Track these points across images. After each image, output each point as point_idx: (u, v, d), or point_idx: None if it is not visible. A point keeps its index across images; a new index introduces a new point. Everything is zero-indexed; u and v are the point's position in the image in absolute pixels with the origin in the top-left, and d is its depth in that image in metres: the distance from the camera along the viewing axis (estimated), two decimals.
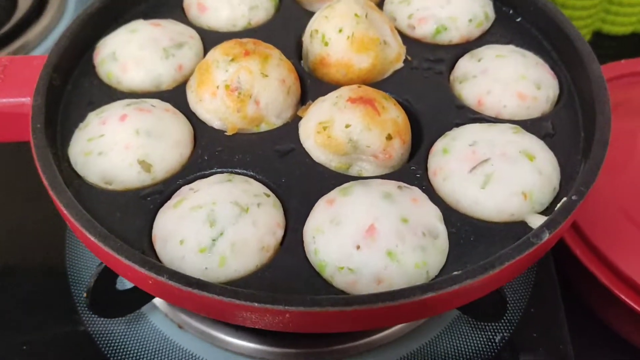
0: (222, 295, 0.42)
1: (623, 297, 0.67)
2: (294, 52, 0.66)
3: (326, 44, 0.61)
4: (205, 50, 0.66)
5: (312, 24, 0.63)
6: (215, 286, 0.43)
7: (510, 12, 0.70)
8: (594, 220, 0.73)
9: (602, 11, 1.08)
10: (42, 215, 0.74)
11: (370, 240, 0.46)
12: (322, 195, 0.52)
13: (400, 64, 0.64)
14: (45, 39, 0.99)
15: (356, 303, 0.42)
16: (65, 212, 0.48)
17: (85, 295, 0.56)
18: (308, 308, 0.41)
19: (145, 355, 0.62)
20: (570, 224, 0.49)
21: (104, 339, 0.63)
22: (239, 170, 0.55)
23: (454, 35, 0.66)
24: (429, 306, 0.43)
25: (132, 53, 0.61)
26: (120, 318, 0.63)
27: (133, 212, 0.51)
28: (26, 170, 0.73)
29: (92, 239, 0.46)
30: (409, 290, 0.42)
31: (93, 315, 0.64)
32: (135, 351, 0.62)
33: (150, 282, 0.44)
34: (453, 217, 0.51)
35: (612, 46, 1.12)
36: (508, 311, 0.64)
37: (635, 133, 0.86)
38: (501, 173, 0.51)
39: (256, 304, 0.42)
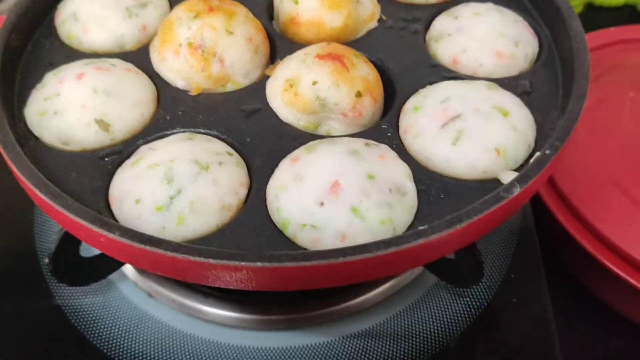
0: (177, 252, 0.40)
1: (607, 262, 0.66)
2: (265, 12, 0.64)
3: (296, 2, 0.59)
4: (172, 9, 0.63)
5: None
6: (170, 243, 0.41)
7: None
8: (578, 185, 0.72)
9: None
10: (10, 184, 0.72)
11: (334, 196, 0.44)
12: (289, 153, 0.50)
13: (374, 23, 0.62)
14: None
15: (316, 258, 0.40)
16: (16, 171, 0.46)
17: (47, 261, 0.54)
18: (266, 264, 0.39)
19: (116, 325, 0.60)
20: (544, 180, 0.47)
21: (72, 309, 0.61)
22: (202, 130, 0.53)
23: None
24: (393, 262, 0.41)
25: (94, 13, 0.59)
26: (88, 287, 0.61)
27: (90, 173, 0.49)
28: None
29: (43, 197, 0.44)
30: (372, 245, 0.40)
31: (61, 286, 0.62)
32: (105, 321, 0.60)
33: (102, 239, 0.42)
34: (423, 175, 0.49)
35: (604, 17, 1.10)
36: (487, 277, 0.62)
37: (622, 99, 0.84)
38: (473, 129, 0.49)
39: (212, 260, 0.40)
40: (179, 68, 0.55)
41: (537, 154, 0.47)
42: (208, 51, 0.54)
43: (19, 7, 0.59)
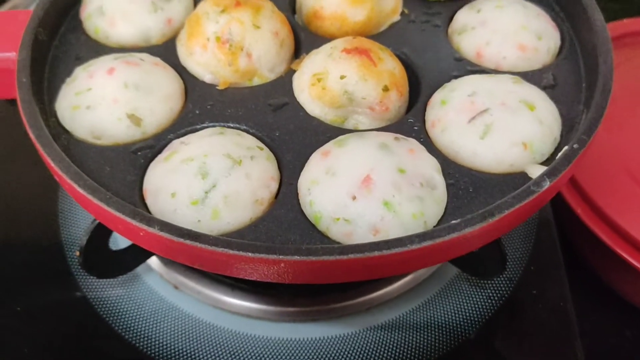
0: (216, 245, 0.41)
1: (624, 254, 0.67)
2: (288, 4, 0.64)
3: None
4: (196, 3, 0.63)
5: None
6: (208, 237, 0.42)
7: None
8: (595, 178, 0.72)
9: None
10: (34, 179, 0.73)
11: (366, 190, 0.45)
12: (317, 148, 0.51)
13: (397, 17, 0.62)
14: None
15: (352, 252, 0.40)
16: (53, 165, 0.47)
17: (77, 253, 0.55)
18: (303, 257, 0.40)
19: (142, 316, 0.61)
20: (572, 174, 0.48)
21: (99, 301, 0.62)
22: (232, 125, 0.53)
23: None
24: (426, 255, 0.42)
25: (120, 7, 0.59)
26: (115, 280, 0.62)
27: (123, 167, 0.50)
28: (15, 134, 0.72)
29: (82, 191, 0.45)
30: (407, 239, 0.41)
31: (88, 278, 0.63)
32: (132, 312, 0.62)
33: (142, 234, 0.43)
34: (451, 169, 0.49)
35: (615, 8, 1.10)
36: (508, 269, 0.63)
37: (636, 91, 0.85)
38: (501, 123, 0.49)
39: (250, 254, 0.41)
40: (206, 62, 0.56)
41: (565, 147, 0.48)
42: (236, 45, 0.55)
43: (45, 1, 0.59)
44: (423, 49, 0.59)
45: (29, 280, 0.65)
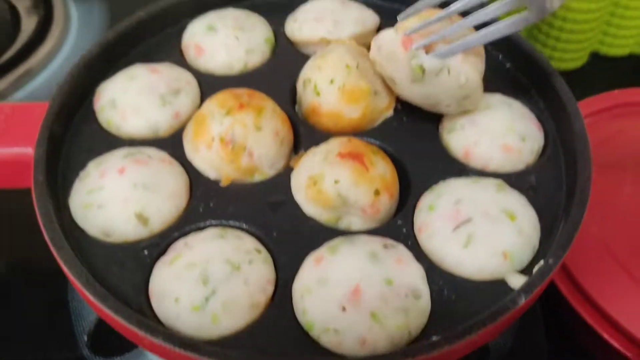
0: (213, 357, 0.45)
1: (612, 341, 0.69)
2: (289, 96, 0.68)
3: (318, 93, 0.63)
4: (202, 94, 0.68)
5: (305, 72, 0.65)
6: (206, 349, 0.45)
7: (500, 57, 0.72)
8: (581, 260, 0.75)
9: (599, 33, 1.10)
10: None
11: (355, 302, 0.49)
12: (312, 249, 0.54)
13: (390, 112, 0.66)
14: (50, 63, 1.00)
15: None
16: (65, 269, 0.50)
17: (86, 338, 0.59)
18: None
19: None
20: (547, 285, 0.51)
21: None
22: (232, 223, 0.57)
23: None
24: None
25: (131, 101, 0.63)
26: (122, 357, 0.66)
27: (131, 267, 0.54)
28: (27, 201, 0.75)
29: (92, 298, 0.48)
30: (389, 356, 0.45)
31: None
32: None
33: (146, 342, 0.46)
34: (436, 275, 0.53)
35: (609, 67, 1.13)
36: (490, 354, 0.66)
37: (624, 167, 0.88)
38: (483, 233, 0.53)
39: None
40: (211, 160, 0.59)
41: (541, 263, 0.51)
42: (238, 146, 0.59)
43: (60, 94, 0.63)
44: (414, 147, 0.63)
45: (34, 346, 0.68)
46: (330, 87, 0.62)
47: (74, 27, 1.08)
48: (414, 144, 0.63)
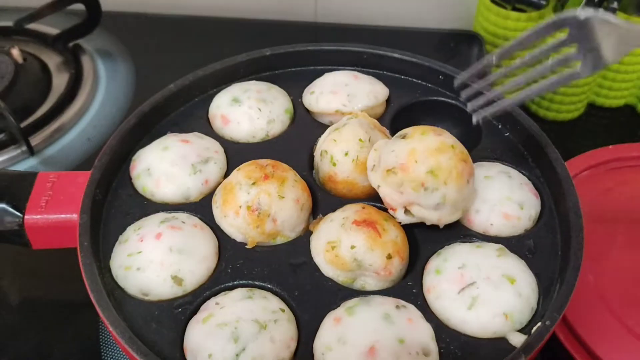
0: None
1: None
2: (307, 163, 0.75)
3: (334, 164, 0.69)
4: (228, 161, 0.74)
5: (322, 144, 0.72)
6: None
7: (499, 126, 0.79)
8: (577, 308, 0.80)
9: (596, 85, 1.16)
10: (77, 295, 0.82)
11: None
12: (330, 308, 0.60)
13: None
14: (80, 119, 1.07)
15: None
16: (111, 329, 0.56)
17: None
18: None
19: None
20: (544, 344, 0.57)
21: None
22: (258, 283, 0.63)
23: None
24: None
25: (165, 170, 0.70)
26: None
27: (167, 324, 0.59)
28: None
29: (135, 355, 0.54)
30: None
31: None
32: None
33: None
34: (443, 334, 0.59)
35: (605, 117, 1.20)
36: None
37: (618, 220, 0.93)
38: (485, 296, 0.59)
39: None
40: (238, 225, 0.66)
41: (539, 324, 0.57)
42: (263, 213, 0.65)
43: (101, 162, 0.70)
44: None
45: None
46: (345, 158, 0.69)
47: (102, 84, 1.15)
48: None
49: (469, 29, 1.26)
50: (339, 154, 0.69)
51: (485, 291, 0.59)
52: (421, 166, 0.60)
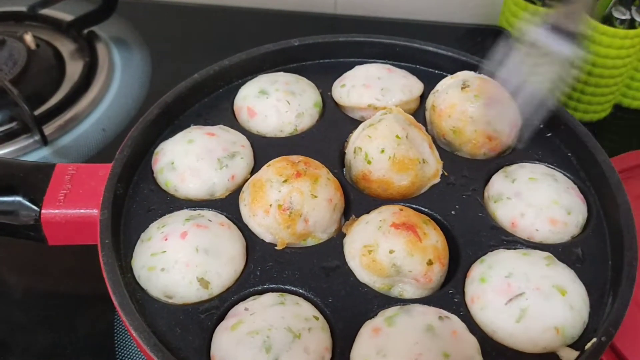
0: None
1: None
2: (337, 160, 0.71)
3: (369, 162, 0.65)
4: (255, 156, 0.70)
5: (356, 140, 0.68)
6: None
7: (541, 126, 0.75)
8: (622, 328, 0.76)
9: (623, 86, 1.13)
10: (89, 291, 0.79)
11: None
12: (367, 317, 0.56)
13: (437, 179, 0.68)
14: (95, 108, 1.04)
15: None
16: (134, 335, 0.52)
17: None
18: None
19: None
20: None
21: None
22: (289, 288, 0.59)
23: None
24: None
25: (190, 164, 0.66)
26: None
27: (192, 330, 0.55)
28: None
29: None
30: None
31: None
32: None
33: None
34: (489, 347, 0.55)
35: (631, 118, 1.16)
36: None
37: None
38: (535, 308, 0.55)
39: None
40: (267, 225, 0.62)
41: (594, 340, 0.53)
42: (295, 212, 0.61)
43: (122, 155, 0.66)
44: (462, 215, 0.65)
45: None
46: (381, 156, 0.65)
47: (117, 73, 1.11)
48: (461, 212, 0.65)
49: (494, 23, 1.21)
50: (374, 151, 0.65)
51: (535, 303, 0.55)
52: None
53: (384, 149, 0.65)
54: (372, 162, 0.65)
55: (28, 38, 1.08)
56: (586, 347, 0.53)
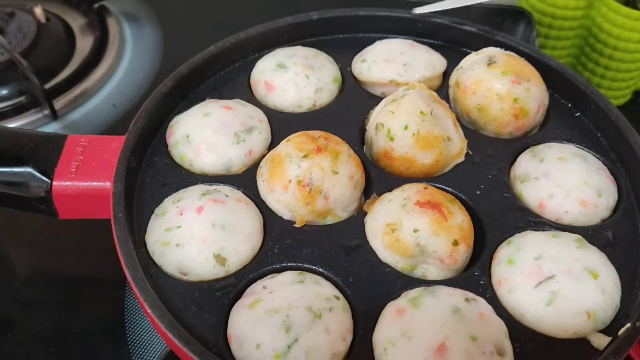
0: None
1: None
2: (358, 136, 0.68)
3: (391, 139, 0.63)
4: (272, 131, 0.68)
5: (378, 117, 0.65)
6: None
7: (569, 105, 0.72)
8: None
9: None
10: (101, 269, 0.77)
11: (440, 358, 0.48)
12: (389, 298, 0.54)
13: (461, 158, 0.66)
14: (105, 83, 1.01)
15: None
16: (149, 312, 0.50)
17: None
18: None
19: None
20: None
21: None
22: (308, 266, 0.57)
23: None
24: None
25: (206, 137, 0.64)
26: None
27: (208, 308, 0.53)
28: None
29: (176, 342, 0.48)
30: None
31: None
32: None
33: None
34: (517, 331, 0.52)
35: None
36: None
37: None
38: (566, 291, 0.52)
39: None
40: (286, 201, 0.59)
41: (628, 325, 0.50)
42: (315, 189, 0.59)
43: (136, 127, 0.64)
44: (487, 195, 0.63)
45: None
46: (404, 132, 0.62)
47: (128, 48, 1.09)
48: (486, 192, 0.63)
49: (514, 4, 1.18)
50: (397, 128, 0.63)
51: (566, 286, 0.53)
52: None
53: (407, 125, 0.62)
54: (394, 139, 0.63)
55: (38, 11, 1.06)
56: (619, 332, 0.51)
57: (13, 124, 0.91)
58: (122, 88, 1.01)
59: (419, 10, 0.77)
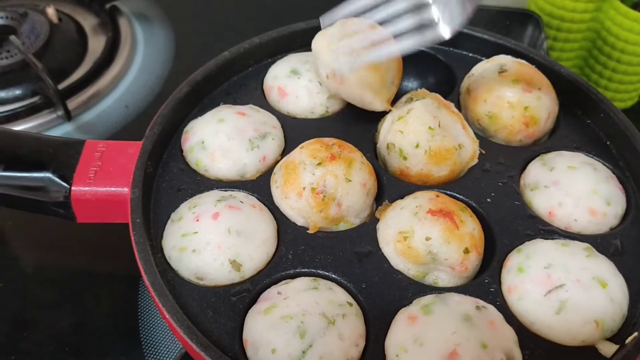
0: None
1: None
2: (370, 143, 0.69)
3: (405, 158, 0.64)
4: (285, 137, 0.69)
5: (387, 136, 0.65)
6: None
7: (579, 113, 0.73)
8: None
9: None
10: (115, 270, 0.78)
11: None
12: (401, 305, 0.55)
13: (475, 161, 0.66)
14: (118, 84, 1.02)
15: None
16: (167, 317, 0.51)
17: None
18: None
19: None
20: None
21: None
22: (321, 272, 0.58)
23: None
24: None
25: (221, 143, 0.65)
26: None
27: (224, 312, 0.55)
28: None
29: (195, 347, 0.49)
30: None
31: None
32: None
33: None
34: (527, 339, 0.53)
35: None
36: None
37: None
38: (575, 300, 0.53)
39: None
40: (300, 208, 0.61)
41: (635, 334, 0.51)
42: (329, 196, 0.60)
43: (153, 133, 0.65)
44: (497, 203, 0.63)
45: None
46: (416, 151, 0.63)
47: (140, 49, 1.10)
48: (497, 200, 0.64)
49: (523, 7, 1.19)
50: (408, 147, 0.63)
51: (576, 295, 0.54)
52: None
53: (418, 144, 0.63)
54: (407, 158, 0.64)
55: (50, 11, 1.07)
56: (627, 340, 0.52)
57: (27, 124, 0.92)
58: (134, 89, 1.02)
59: None
